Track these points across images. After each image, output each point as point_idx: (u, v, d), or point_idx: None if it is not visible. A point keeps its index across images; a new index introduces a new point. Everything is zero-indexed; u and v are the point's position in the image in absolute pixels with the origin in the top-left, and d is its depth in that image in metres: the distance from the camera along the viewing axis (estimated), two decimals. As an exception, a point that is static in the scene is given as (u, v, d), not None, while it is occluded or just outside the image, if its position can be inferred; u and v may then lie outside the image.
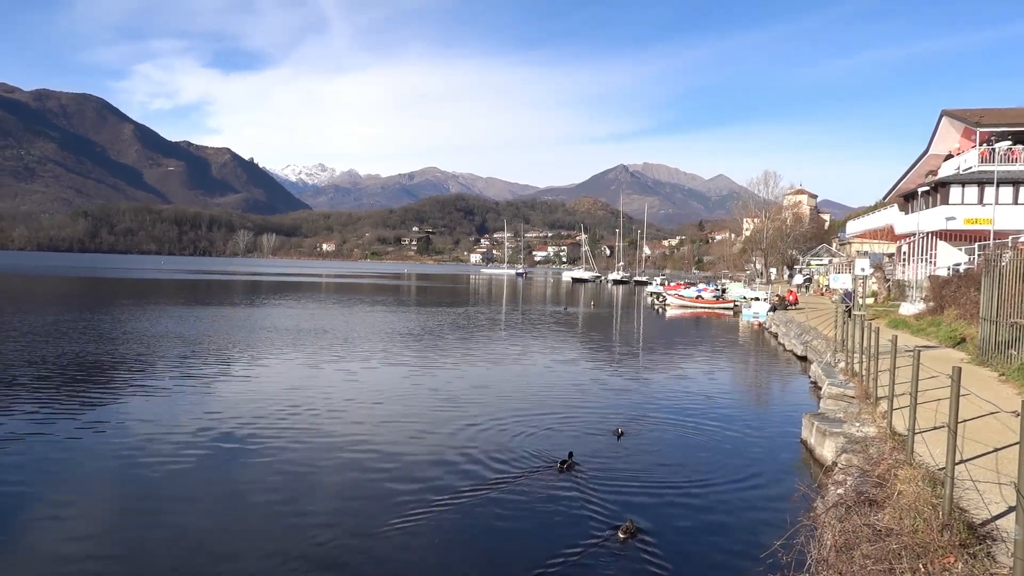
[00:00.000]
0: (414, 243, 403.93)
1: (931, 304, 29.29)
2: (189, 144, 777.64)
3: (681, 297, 61.36)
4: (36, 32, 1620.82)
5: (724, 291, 63.83)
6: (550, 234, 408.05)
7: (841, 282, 27.42)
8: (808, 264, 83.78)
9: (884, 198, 60.36)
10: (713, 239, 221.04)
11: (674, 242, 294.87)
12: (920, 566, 6.28)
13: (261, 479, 11.47)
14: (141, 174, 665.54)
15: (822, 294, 64.24)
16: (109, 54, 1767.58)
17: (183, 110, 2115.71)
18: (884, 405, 12.19)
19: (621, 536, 9.30)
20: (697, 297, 60.57)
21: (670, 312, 55.55)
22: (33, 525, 9.35)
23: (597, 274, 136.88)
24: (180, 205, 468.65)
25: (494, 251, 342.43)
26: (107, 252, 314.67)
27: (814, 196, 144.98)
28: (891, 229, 53.69)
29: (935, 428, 10.12)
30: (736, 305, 56.58)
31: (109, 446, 12.90)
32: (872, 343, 14.19)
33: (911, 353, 9.78)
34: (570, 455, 12.49)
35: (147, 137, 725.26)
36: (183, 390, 18.23)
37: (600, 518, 10.00)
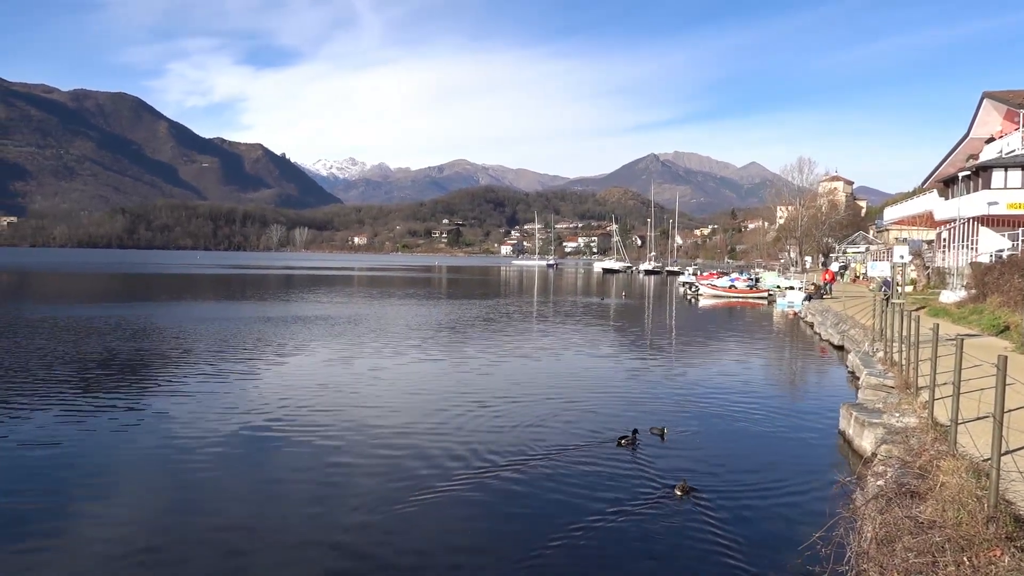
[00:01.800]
0: (444, 235, 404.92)
1: (973, 292, 28.62)
2: (222, 141, 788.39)
3: (714, 287, 60.72)
4: (73, 34, 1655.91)
5: (758, 280, 63.01)
6: (580, 225, 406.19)
7: (879, 270, 26.95)
8: (844, 252, 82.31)
9: (923, 184, 59.03)
10: (746, 228, 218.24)
11: (706, 231, 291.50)
12: (964, 559, 6.15)
13: (304, 464, 11.68)
14: (176, 171, 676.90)
15: (855, 281, 63.20)
16: (144, 54, 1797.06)
17: (216, 107, 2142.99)
18: (925, 395, 11.95)
19: (678, 493, 10.37)
20: (730, 287, 59.89)
21: (703, 302, 55.03)
22: (78, 513, 9.60)
23: (628, 264, 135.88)
24: (215, 201, 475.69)
25: (524, 242, 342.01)
26: (145, 248, 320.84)
27: (850, 183, 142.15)
28: (930, 215, 52.51)
29: (979, 418, 9.88)
30: (770, 294, 55.86)
31: (149, 436, 13.19)
32: (912, 331, 13.91)
33: (952, 342, 9.57)
34: (634, 432, 13.13)
35: (182, 134, 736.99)
36: (221, 382, 18.53)
37: (652, 485, 10.89)
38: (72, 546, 8.60)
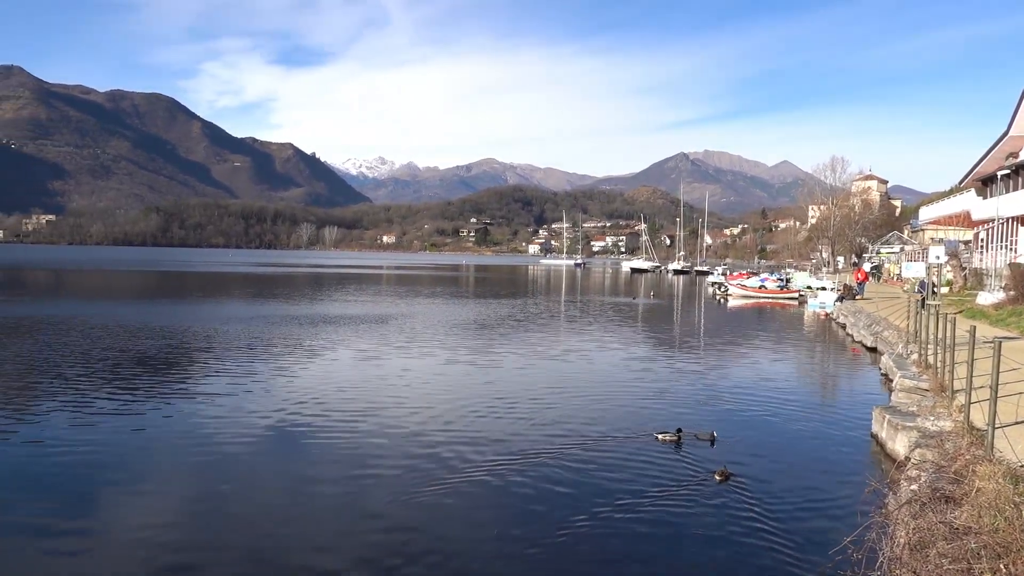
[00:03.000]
0: (472, 234, 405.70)
1: (1011, 293, 28.00)
2: (254, 140, 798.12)
3: (743, 287, 60.12)
4: (110, 35, 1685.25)
5: (788, 281, 62.27)
6: (608, 224, 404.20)
7: (914, 270, 26.48)
8: (878, 252, 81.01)
9: (960, 183, 57.95)
10: (777, 227, 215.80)
11: (736, 231, 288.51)
12: (1001, 567, 6.03)
13: (336, 458, 11.83)
14: (209, 170, 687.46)
15: (887, 281, 62.22)
16: (179, 54, 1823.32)
17: (248, 107, 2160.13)
18: (961, 398, 11.72)
19: (717, 479, 10.91)
20: (760, 287, 59.27)
21: (732, 302, 54.51)
22: (112, 509, 9.81)
23: (657, 264, 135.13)
24: (246, 200, 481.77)
25: (552, 242, 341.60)
26: (178, 246, 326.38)
27: (884, 182, 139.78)
28: (967, 215, 51.52)
29: (1017, 423, 9.68)
30: (801, 295, 55.18)
31: (180, 433, 13.40)
32: (948, 334, 13.64)
33: (990, 344, 9.37)
34: (678, 431, 13.20)
35: (214, 134, 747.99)
36: (251, 379, 18.76)
37: (687, 478, 10.61)
38: (106, 540, 8.79)
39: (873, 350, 26.01)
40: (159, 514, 9.59)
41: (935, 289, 21.54)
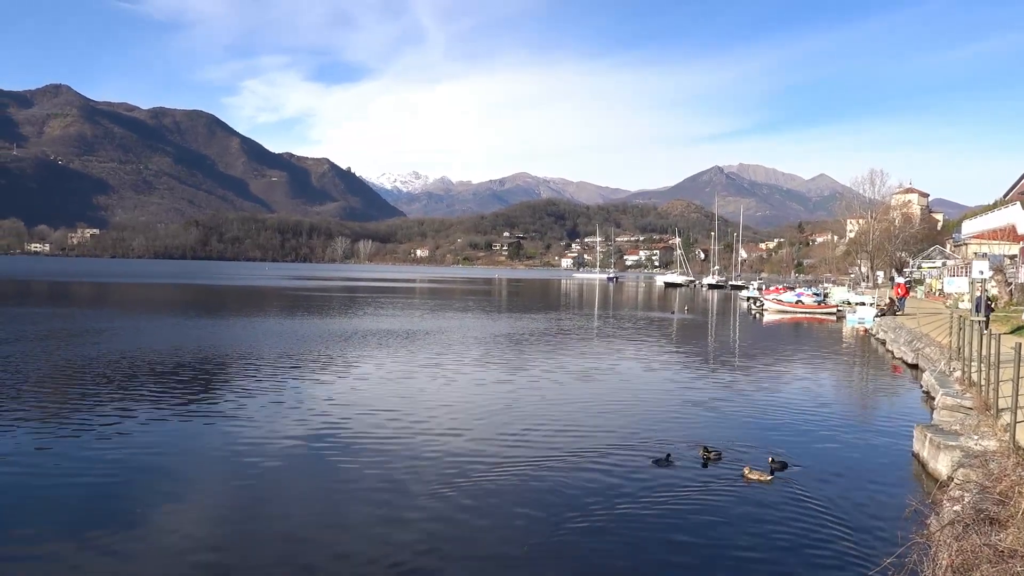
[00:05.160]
0: (505, 248, 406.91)
1: (1059, 309, 27.22)
2: (291, 155, 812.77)
3: (780, 302, 59.35)
4: (154, 54, 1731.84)
5: (826, 296, 61.33)
6: (642, 238, 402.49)
7: (956, 286, 25.94)
8: (919, 267, 79.36)
9: (1004, 196, 56.76)
10: (814, 241, 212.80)
11: (772, 245, 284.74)
12: (1049, 591, 5.87)
13: (365, 468, 11.93)
14: (247, 185, 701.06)
15: (928, 296, 60.93)
16: (220, 72, 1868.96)
17: (286, 123, 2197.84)
18: (1006, 417, 11.44)
19: (766, 472, 11.94)
20: (797, 302, 58.47)
21: (768, 317, 53.84)
22: (149, 513, 10.02)
23: (691, 278, 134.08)
24: (283, 214, 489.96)
25: (585, 255, 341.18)
26: (216, 259, 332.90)
27: (925, 195, 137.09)
28: (1013, 229, 50.36)
29: (1065, 443, 9.41)
30: (839, 310, 54.29)
31: (216, 443, 13.68)
32: (992, 350, 13.34)
33: (1037, 362, 9.16)
34: (706, 448, 13.42)
35: (253, 150, 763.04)
36: (287, 392, 19.08)
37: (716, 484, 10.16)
38: (142, 543, 9.00)
39: (914, 367, 25.49)
40: (195, 523, 9.79)
41: (992, 306, 20.96)
